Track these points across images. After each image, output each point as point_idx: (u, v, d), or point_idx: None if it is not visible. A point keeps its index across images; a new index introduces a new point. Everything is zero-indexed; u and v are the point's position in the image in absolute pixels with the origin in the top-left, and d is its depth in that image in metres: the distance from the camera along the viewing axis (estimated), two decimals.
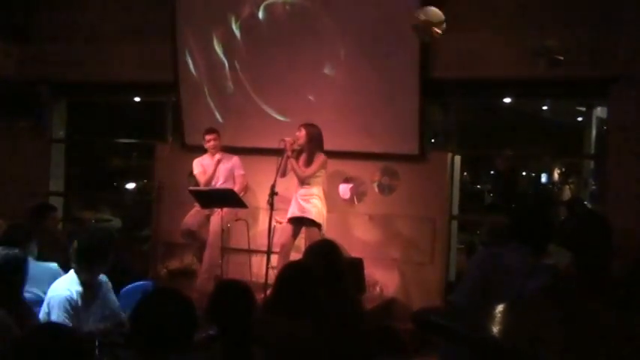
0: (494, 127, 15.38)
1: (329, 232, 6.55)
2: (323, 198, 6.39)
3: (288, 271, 3.60)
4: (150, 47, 7.80)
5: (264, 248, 6.52)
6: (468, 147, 8.52)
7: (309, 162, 6.34)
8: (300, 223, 6.38)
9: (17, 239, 4.76)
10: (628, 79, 6.25)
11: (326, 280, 3.80)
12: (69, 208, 9.98)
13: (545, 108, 13.87)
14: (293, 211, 6.36)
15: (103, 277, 4.20)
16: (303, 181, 6.31)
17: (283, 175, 6.35)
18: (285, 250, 6.35)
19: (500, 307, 2.17)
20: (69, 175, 9.37)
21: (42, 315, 3.95)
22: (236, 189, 6.72)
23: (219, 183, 6.85)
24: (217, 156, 6.84)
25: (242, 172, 6.92)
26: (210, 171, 6.83)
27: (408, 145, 6.81)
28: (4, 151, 8.43)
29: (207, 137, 6.85)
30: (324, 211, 6.35)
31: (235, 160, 6.95)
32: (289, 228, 6.43)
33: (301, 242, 6.38)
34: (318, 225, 6.26)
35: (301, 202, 6.29)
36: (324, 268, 3.81)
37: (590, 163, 9.25)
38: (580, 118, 11.22)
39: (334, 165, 6.77)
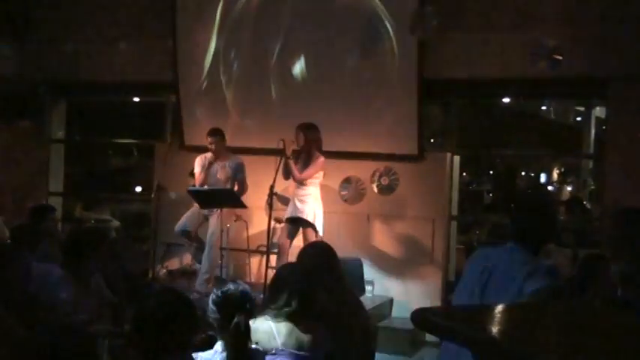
0: (493, 127, 15.40)
1: (328, 232, 6.56)
2: (319, 199, 6.38)
3: (282, 272, 3.61)
4: (150, 47, 7.80)
5: (264, 248, 6.53)
6: (467, 147, 8.54)
7: (307, 163, 6.34)
8: (296, 223, 6.38)
9: (24, 240, 4.78)
10: (627, 79, 6.26)
11: (322, 281, 3.81)
12: (68, 208, 9.98)
13: (544, 108, 13.90)
14: (290, 212, 6.37)
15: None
16: (300, 182, 6.32)
17: (287, 177, 6.35)
18: (283, 249, 6.35)
19: (499, 308, 2.18)
20: (68, 175, 9.38)
21: (42, 315, 3.95)
22: (237, 191, 6.70)
23: (216, 182, 6.80)
24: (208, 157, 6.77)
25: (245, 175, 6.87)
26: (204, 172, 6.78)
27: (407, 145, 6.81)
28: (4, 151, 8.43)
29: (209, 140, 6.78)
30: (320, 211, 6.35)
31: (240, 162, 6.90)
32: (287, 228, 6.43)
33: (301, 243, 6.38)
34: (313, 226, 6.26)
35: (297, 203, 6.30)
36: (318, 269, 3.82)
37: (589, 163, 9.28)
38: (579, 118, 11.26)
39: (334, 165, 6.77)
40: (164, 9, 7.60)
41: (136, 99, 9.59)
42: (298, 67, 7.11)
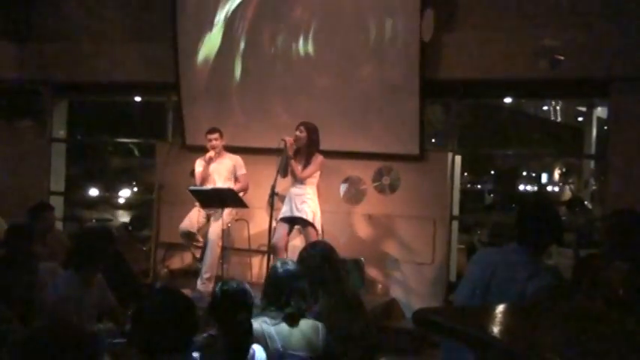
0: (494, 127, 15.42)
1: (329, 232, 6.55)
2: (316, 199, 6.36)
3: (281, 272, 3.60)
4: (151, 47, 7.79)
5: (265, 248, 6.52)
6: (468, 147, 8.52)
7: (307, 162, 6.32)
8: (293, 222, 6.36)
9: (20, 239, 4.77)
10: (628, 79, 6.25)
11: (324, 280, 3.81)
12: (69, 207, 10.00)
13: (545, 108, 13.91)
14: (286, 210, 6.33)
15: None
16: (300, 181, 6.29)
17: (285, 175, 6.34)
18: (279, 249, 6.31)
19: (501, 307, 2.18)
20: (69, 174, 9.38)
21: (43, 314, 3.95)
22: (237, 188, 6.72)
23: (215, 182, 6.82)
24: (210, 153, 6.80)
25: (244, 171, 6.93)
26: (204, 169, 6.81)
27: (408, 144, 6.80)
28: (5, 151, 8.43)
29: (209, 137, 6.84)
30: (318, 211, 6.33)
31: (238, 159, 6.95)
32: (283, 227, 6.39)
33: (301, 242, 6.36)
34: (312, 225, 6.24)
35: (295, 202, 6.27)
36: (319, 269, 3.82)
37: (590, 163, 9.27)
38: (580, 118, 11.25)
39: (334, 165, 6.76)
40: (165, 8, 7.60)
41: (138, 98, 9.60)
42: (299, 67, 7.10)
